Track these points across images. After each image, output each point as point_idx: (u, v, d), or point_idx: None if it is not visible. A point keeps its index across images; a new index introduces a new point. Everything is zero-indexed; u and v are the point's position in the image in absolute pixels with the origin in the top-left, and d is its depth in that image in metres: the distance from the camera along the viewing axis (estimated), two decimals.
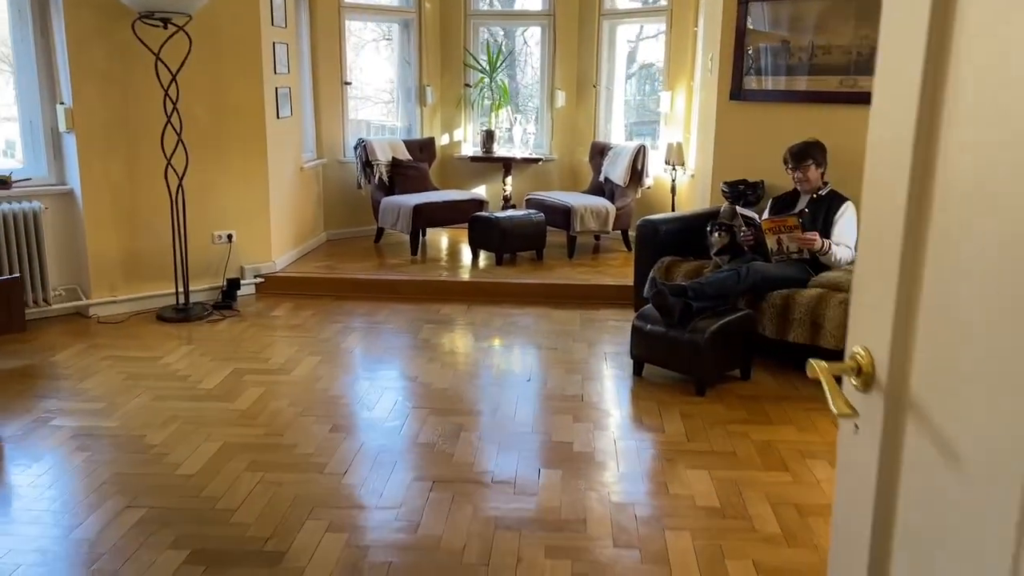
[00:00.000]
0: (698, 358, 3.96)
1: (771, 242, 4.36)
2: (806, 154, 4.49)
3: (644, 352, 4.23)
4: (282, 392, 4.03)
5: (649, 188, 6.80)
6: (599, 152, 7.13)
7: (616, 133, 7.51)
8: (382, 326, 5.15)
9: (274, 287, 5.85)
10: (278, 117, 5.88)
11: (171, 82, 4.96)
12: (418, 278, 5.94)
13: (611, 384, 4.21)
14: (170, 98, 4.98)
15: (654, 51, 7.74)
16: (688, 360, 4.01)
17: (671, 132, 6.82)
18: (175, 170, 5.11)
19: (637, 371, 4.29)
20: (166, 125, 5.02)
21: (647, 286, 4.87)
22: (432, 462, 3.32)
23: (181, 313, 5.22)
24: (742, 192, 5.16)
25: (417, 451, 3.42)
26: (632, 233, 6.70)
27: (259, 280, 5.84)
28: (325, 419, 3.71)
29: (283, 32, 5.93)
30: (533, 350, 4.73)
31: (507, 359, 4.58)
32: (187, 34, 4.91)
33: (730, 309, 4.19)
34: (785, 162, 4.61)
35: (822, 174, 4.55)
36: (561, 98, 7.53)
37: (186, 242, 5.24)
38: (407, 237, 6.64)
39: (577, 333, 5.02)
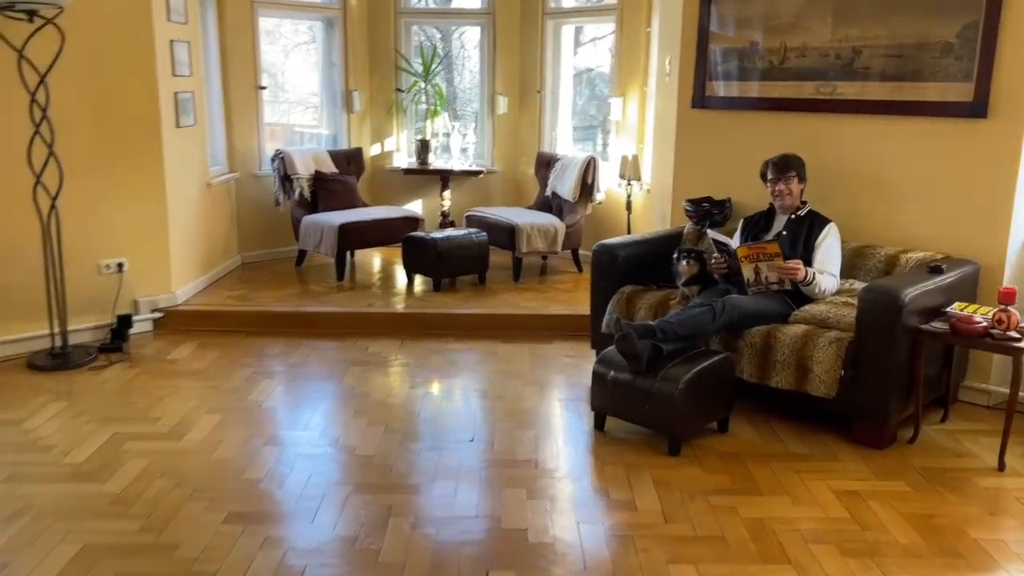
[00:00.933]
0: (672, 412, 3.36)
1: (747, 272, 3.80)
2: (790, 164, 3.95)
3: (607, 403, 3.61)
4: (170, 465, 3.28)
5: (600, 203, 6.21)
6: (545, 164, 6.52)
7: (563, 142, 6.91)
8: (300, 370, 4.42)
9: (175, 323, 5.05)
10: (178, 126, 5.09)
11: (39, 85, 4.15)
12: (344, 309, 5.21)
13: (570, 442, 3.58)
14: (38, 104, 4.17)
15: (602, 53, 7.17)
16: (660, 414, 3.40)
17: (623, 142, 6.25)
18: (46, 189, 4.29)
19: (599, 424, 3.66)
20: (33, 136, 4.20)
21: (606, 321, 4.27)
22: (353, 565, 2.62)
23: (57, 359, 4.39)
24: (707, 211, 4.60)
25: (334, 549, 2.72)
26: (583, 252, 6.12)
27: (157, 315, 5.04)
28: (219, 504, 2.98)
29: (182, 28, 5.15)
30: (477, 399, 4.06)
31: (447, 412, 3.90)
32: (58, 28, 4.11)
33: (704, 351, 3.61)
34: (763, 175, 4.07)
35: (802, 191, 4.02)
36: (503, 104, 6.91)
37: (62, 273, 4.42)
38: (333, 260, 5.90)
39: (527, 374, 4.37)
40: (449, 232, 5.82)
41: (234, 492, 3.09)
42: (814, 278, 3.77)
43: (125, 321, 4.77)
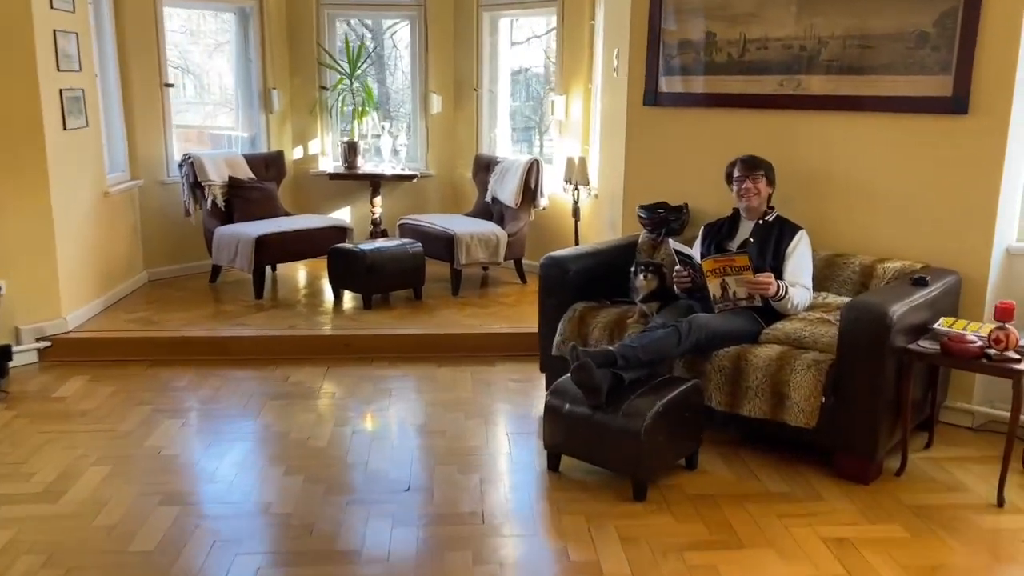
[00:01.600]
0: (637, 452, 2.93)
1: (713, 287, 3.40)
2: (759, 163, 3.58)
3: (562, 441, 3.17)
4: (41, 536, 2.70)
5: (544, 209, 5.78)
6: (484, 167, 6.06)
7: (503, 144, 6.46)
8: (209, 406, 3.86)
9: (65, 353, 4.41)
10: (65, 128, 4.46)
11: None
12: (262, 333, 4.65)
13: (520, 488, 3.12)
14: None
15: (537, 53, 6.75)
16: (623, 454, 2.97)
17: (568, 144, 5.83)
18: None
19: (553, 465, 3.22)
20: None
21: (557, 343, 3.83)
22: None
23: None
24: (662, 218, 4.20)
25: None
26: (528, 262, 5.69)
27: (43, 345, 4.39)
28: None
29: (69, 17, 4.52)
30: (413, 436, 3.57)
31: (378, 454, 3.40)
32: None
33: (670, 379, 3.20)
34: (728, 175, 3.69)
35: (770, 196, 3.66)
36: (437, 103, 6.42)
37: None
38: (250, 276, 5.31)
39: (470, 403, 3.90)
40: (380, 243, 5.30)
41: (117, 570, 2.53)
42: (786, 292, 3.40)
43: (5, 353, 4.13)
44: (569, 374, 3.07)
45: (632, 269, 3.70)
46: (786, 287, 3.40)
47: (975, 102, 3.37)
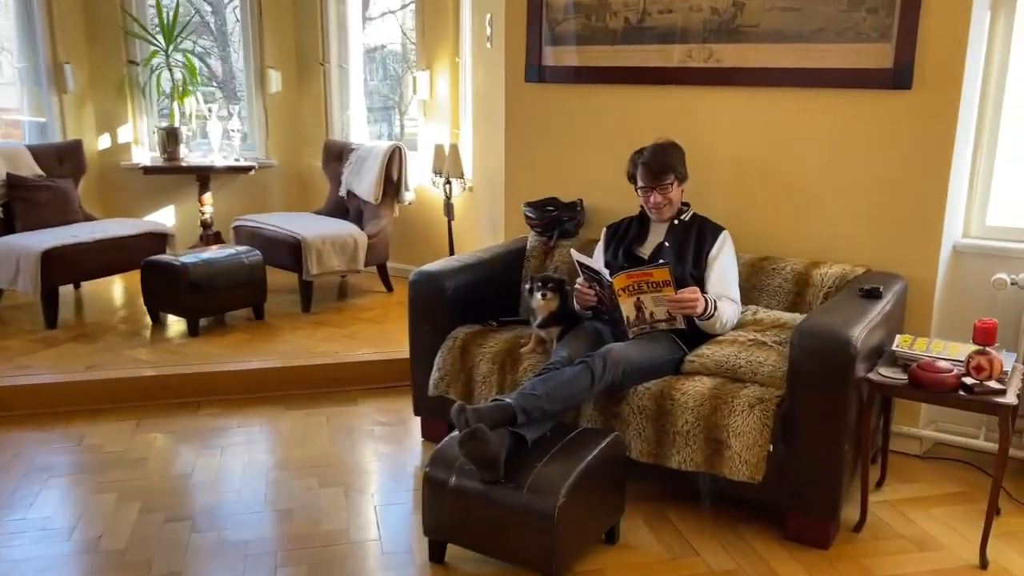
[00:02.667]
0: (549, 539, 2.21)
1: (627, 308, 2.72)
2: (666, 166, 2.91)
3: (448, 525, 2.39)
4: None
5: (411, 204, 4.96)
6: (336, 156, 5.16)
7: (358, 128, 5.55)
8: None
9: None
10: None
11: None
12: (48, 379, 3.58)
13: None
14: None
15: (393, 30, 5.87)
16: (531, 542, 2.24)
17: (435, 128, 5.01)
18: None
19: (436, 556, 2.44)
20: None
21: (434, 380, 3.05)
22: None
23: None
24: (554, 218, 3.50)
25: None
26: (394, 266, 4.87)
27: None
28: None
29: None
30: (249, 522, 2.69)
31: (199, 556, 2.50)
32: None
33: (583, 433, 2.49)
34: (631, 177, 3.01)
35: (683, 192, 3.01)
36: (275, 80, 5.43)
37: None
38: (38, 300, 4.19)
39: (324, 465, 3.05)
40: (208, 253, 4.30)
41: None
42: (715, 309, 2.77)
43: None
44: (456, 438, 2.29)
45: (527, 285, 2.97)
46: (714, 302, 2.77)
47: (920, 75, 2.84)
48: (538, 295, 2.86)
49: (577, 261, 2.81)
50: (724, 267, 2.92)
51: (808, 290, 2.97)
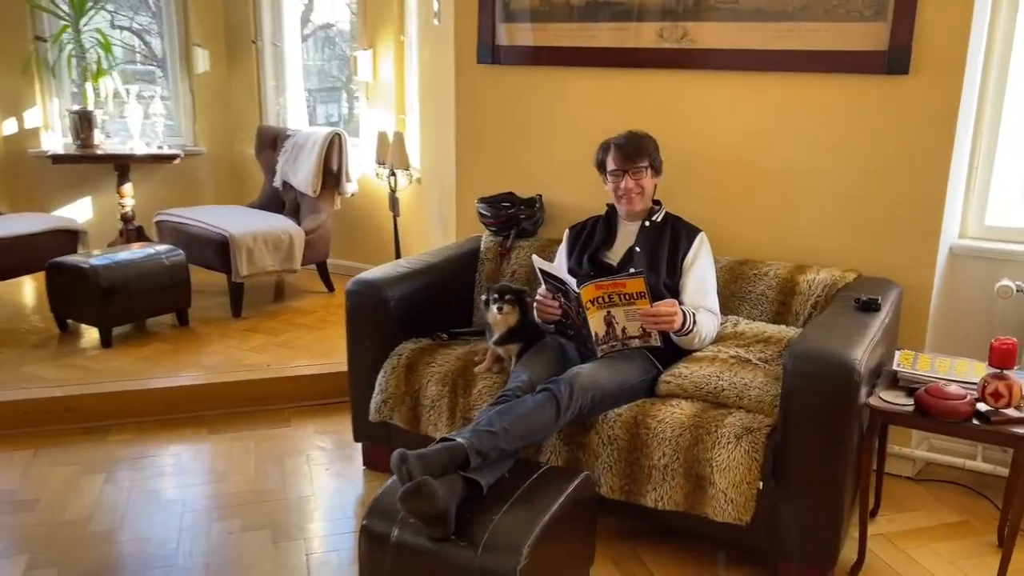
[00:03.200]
0: None
1: (596, 323, 2.38)
2: (641, 148, 2.58)
3: None
4: None
5: (353, 195, 4.56)
6: (270, 142, 4.72)
7: (295, 113, 5.10)
8: None
9: None
10: None
11: None
12: None
13: None
14: None
15: (339, 8, 5.43)
16: None
17: (379, 114, 4.60)
18: None
19: None
20: None
21: (376, 405, 2.68)
22: None
23: None
24: (511, 216, 3.14)
25: None
26: (335, 262, 4.47)
27: None
28: None
29: None
30: None
31: None
32: None
33: (547, 476, 2.15)
34: (600, 164, 2.68)
35: (655, 187, 2.68)
36: (203, 59, 4.94)
37: None
38: None
39: (250, 499, 2.66)
40: (122, 254, 3.83)
41: None
42: (694, 323, 2.45)
43: None
44: (398, 497, 1.93)
45: (483, 297, 2.60)
46: (693, 315, 2.45)
47: (918, 59, 2.54)
48: (494, 308, 2.50)
49: (539, 269, 2.46)
50: (702, 274, 2.60)
51: (794, 299, 2.67)
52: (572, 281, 2.39)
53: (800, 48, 2.70)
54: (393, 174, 3.89)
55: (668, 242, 2.63)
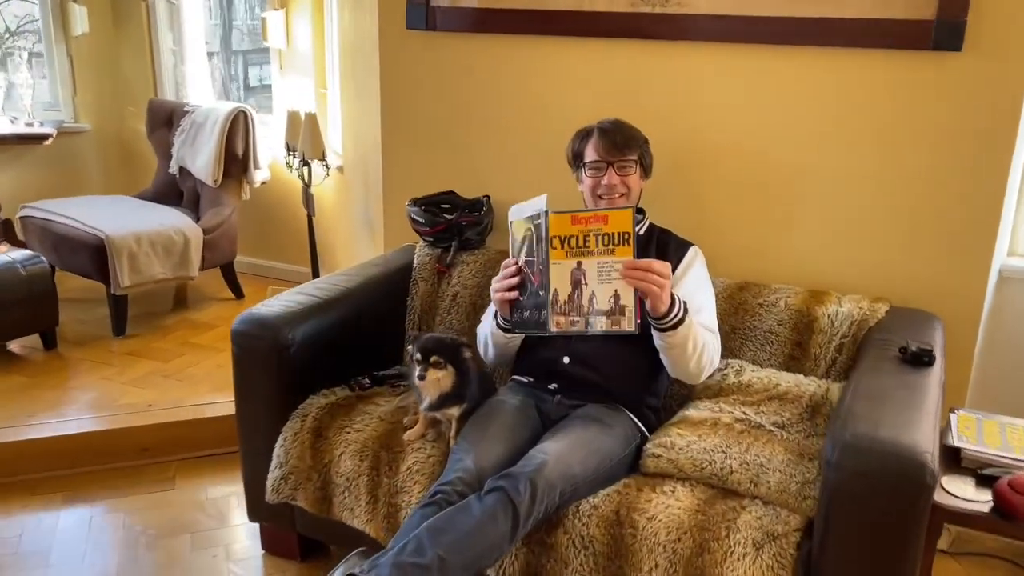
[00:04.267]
0: None
1: (559, 277, 1.74)
2: (629, 138, 1.98)
3: None
4: None
5: (265, 184, 3.85)
6: (165, 120, 3.96)
7: (197, 83, 4.33)
8: None
9: None
10: None
11: None
12: None
13: None
14: None
15: None
16: None
17: (293, 84, 3.88)
18: None
19: None
20: None
21: (273, 483, 2.05)
22: None
23: None
24: (451, 224, 2.50)
25: None
26: (245, 260, 3.79)
27: None
28: None
29: None
30: None
31: None
32: None
33: None
34: (575, 156, 2.07)
35: (641, 192, 2.08)
36: (81, 18, 4.12)
37: None
38: None
39: None
40: None
41: None
42: (686, 314, 1.82)
43: None
44: None
45: (409, 347, 1.96)
46: (685, 306, 1.82)
47: (975, 32, 1.97)
48: (418, 372, 1.86)
49: (511, 222, 1.83)
50: (697, 286, 1.99)
51: (812, 339, 2.10)
52: (542, 202, 1.75)
53: (822, 15, 2.10)
54: (306, 164, 3.20)
55: (654, 256, 2.03)
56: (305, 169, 3.20)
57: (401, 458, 1.92)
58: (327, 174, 3.35)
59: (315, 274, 3.31)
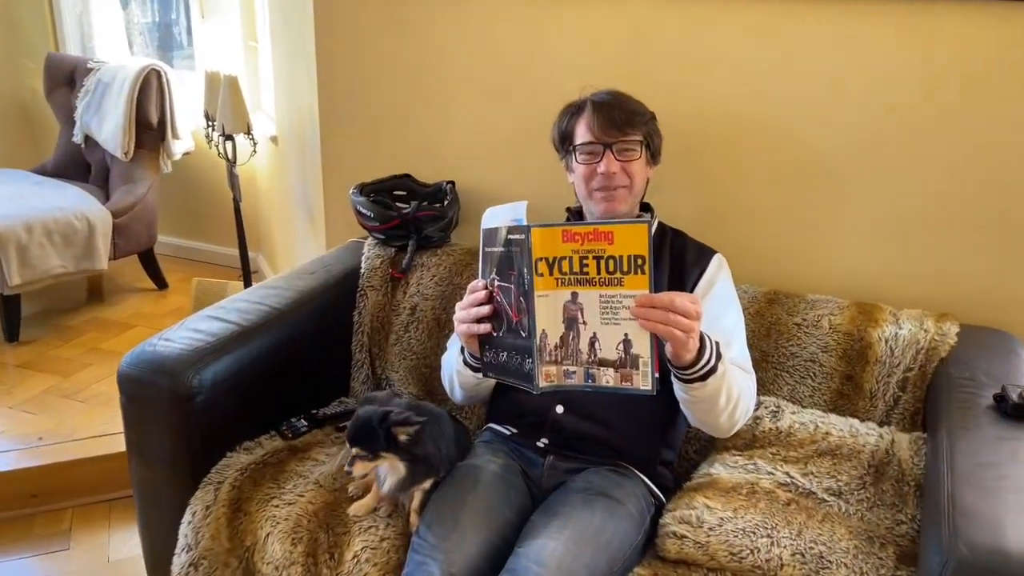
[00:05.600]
0: None
1: (547, 314, 1.25)
2: (633, 114, 1.52)
3: None
4: None
5: (188, 155, 3.29)
6: (66, 79, 3.35)
7: (106, 35, 3.71)
8: None
9: None
10: None
11: None
12: None
13: None
14: None
15: None
16: None
17: (217, 39, 3.30)
18: None
19: None
20: None
21: (183, 568, 1.56)
22: None
23: None
24: (405, 217, 2.00)
25: None
26: (168, 241, 3.26)
27: None
28: None
29: None
30: None
31: None
32: None
33: None
34: (565, 137, 1.59)
35: (647, 183, 1.60)
36: None
37: None
38: None
39: None
40: None
41: None
42: (719, 360, 1.36)
43: None
44: None
45: (349, 425, 1.47)
46: (716, 347, 1.37)
47: None
48: (356, 466, 1.39)
49: (484, 230, 1.34)
50: (723, 309, 1.55)
51: (867, 370, 1.66)
52: (520, 210, 1.31)
53: None
54: (229, 138, 2.62)
55: (667, 266, 1.58)
56: (228, 145, 2.64)
57: (346, 541, 1.46)
58: (254, 151, 2.79)
59: (244, 270, 2.79)
